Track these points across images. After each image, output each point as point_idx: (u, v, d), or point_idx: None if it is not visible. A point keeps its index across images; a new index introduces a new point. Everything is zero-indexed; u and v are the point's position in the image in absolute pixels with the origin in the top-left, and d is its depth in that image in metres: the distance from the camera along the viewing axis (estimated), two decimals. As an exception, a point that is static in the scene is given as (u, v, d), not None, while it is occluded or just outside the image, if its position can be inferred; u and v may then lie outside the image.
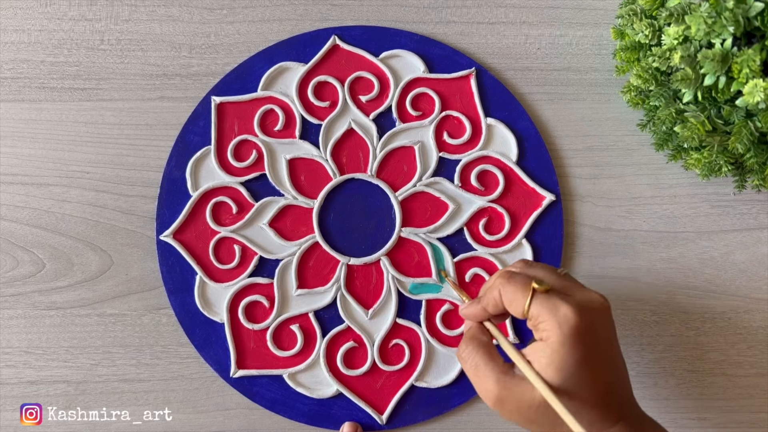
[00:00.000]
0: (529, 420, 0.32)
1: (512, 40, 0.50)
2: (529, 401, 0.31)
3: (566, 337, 0.31)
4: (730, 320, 0.48)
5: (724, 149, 0.43)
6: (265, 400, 0.47)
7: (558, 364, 0.31)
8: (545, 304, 0.32)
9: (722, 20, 0.37)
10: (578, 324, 0.31)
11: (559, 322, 0.31)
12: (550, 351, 0.31)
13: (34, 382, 0.47)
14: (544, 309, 0.32)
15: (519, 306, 0.33)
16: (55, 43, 0.49)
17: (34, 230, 0.48)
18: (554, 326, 0.31)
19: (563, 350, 0.31)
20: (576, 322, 0.31)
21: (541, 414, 0.31)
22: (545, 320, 0.32)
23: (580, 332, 0.31)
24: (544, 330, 0.32)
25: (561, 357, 0.31)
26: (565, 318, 0.31)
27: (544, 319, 0.32)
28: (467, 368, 0.34)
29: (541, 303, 0.32)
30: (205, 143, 0.48)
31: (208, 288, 0.47)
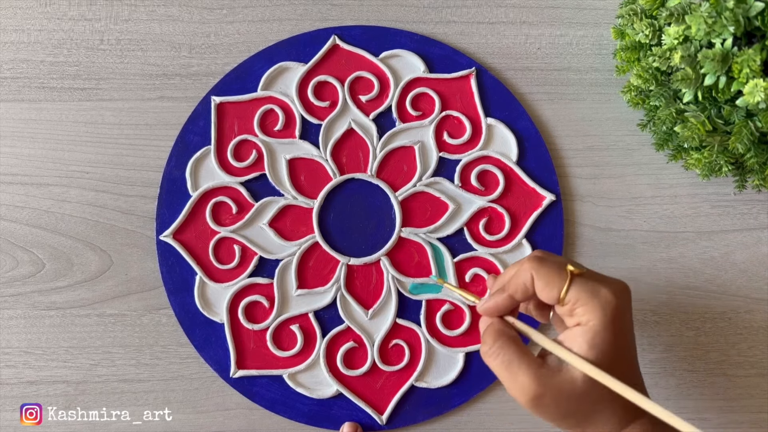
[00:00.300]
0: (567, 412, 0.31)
1: (512, 40, 0.51)
2: (569, 392, 0.30)
3: (609, 319, 0.30)
4: (731, 320, 0.49)
5: (724, 149, 0.43)
6: (265, 401, 0.47)
7: (601, 347, 0.30)
8: (585, 287, 0.31)
9: (722, 20, 0.37)
10: (618, 307, 0.31)
11: (602, 304, 0.30)
12: (592, 335, 0.30)
13: (34, 382, 0.47)
14: (584, 292, 0.31)
15: (555, 289, 0.31)
16: (55, 43, 0.49)
17: (33, 230, 0.48)
18: (597, 309, 0.30)
19: (606, 333, 0.30)
20: (617, 304, 0.31)
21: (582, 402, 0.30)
22: (586, 304, 0.31)
23: (619, 316, 0.31)
24: (583, 314, 0.31)
25: (603, 340, 0.30)
26: (606, 300, 0.31)
27: (585, 302, 0.31)
28: (497, 365, 0.32)
29: (581, 286, 0.31)
30: (204, 143, 0.48)
31: (207, 288, 0.47)
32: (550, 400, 0.30)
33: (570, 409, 0.31)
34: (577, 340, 0.31)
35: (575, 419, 0.31)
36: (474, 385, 0.47)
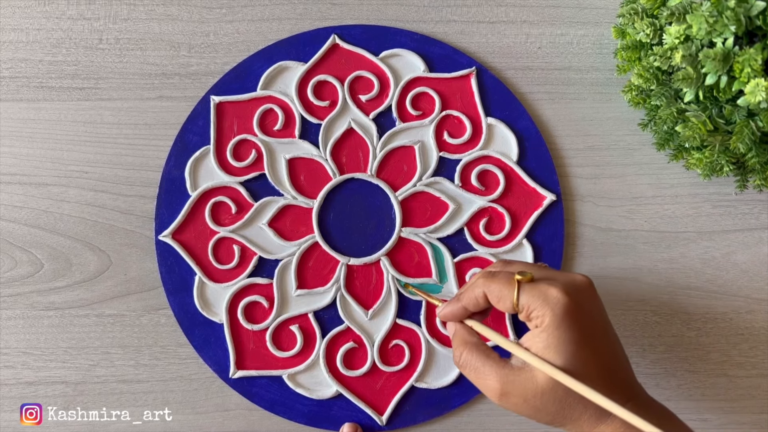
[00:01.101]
0: (536, 408, 0.32)
1: (513, 39, 0.51)
2: (533, 389, 0.32)
3: (560, 318, 0.32)
4: (732, 321, 0.49)
5: (725, 149, 0.43)
6: (265, 401, 0.47)
7: (556, 346, 0.31)
8: (533, 291, 0.33)
9: (724, 19, 0.37)
10: (568, 303, 0.32)
11: (550, 305, 0.32)
12: (546, 335, 0.32)
13: (33, 383, 0.47)
14: (533, 296, 0.33)
15: (508, 300, 0.33)
16: (54, 42, 0.49)
17: (32, 230, 0.48)
18: (546, 310, 0.32)
19: (559, 332, 0.31)
20: (566, 301, 0.32)
21: (547, 400, 0.32)
22: (536, 306, 0.32)
23: (572, 312, 0.32)
24: (537, 317, 0.32)
25: (557, 338, 0.31)
26: (555, 300, 0.32)
27: (536, 305, 0.32)
28: (468, 373, 0.35)
29: (529, 291, 0.33)
30: (204, 143, 0.48)
31: (207, 288, 0.47)
32: (517, 398, 0.32)
33: (537, 405, 0.32)
34: (534, 340, 0.32)
35: (547, 414, 0.32)
36: (474, 386, 0.47)
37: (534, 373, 0.32)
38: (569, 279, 0.34)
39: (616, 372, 0.33)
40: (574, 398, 0.32)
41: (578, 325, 0.32)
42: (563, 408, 0.32)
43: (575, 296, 0.33)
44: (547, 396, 0.32)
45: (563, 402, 0.32)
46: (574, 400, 0.32)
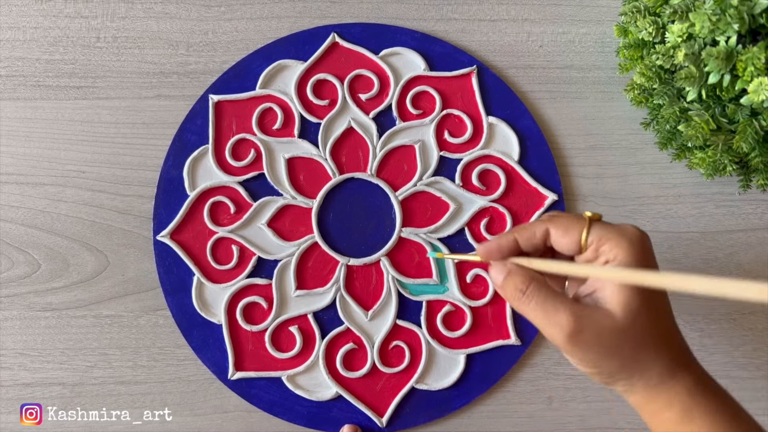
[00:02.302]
0: (610, 349, 0.30)
1: (514, 38, 0.51)
2: (611, 326, 0.29)
3: (638, 252, 0.30)
4: (735, 321, 0.49)
5: (728, 148, 0.43)
6: (264, 403, 0.47)
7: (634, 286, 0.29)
8: (607, 226, 0.30)
9: (727, 17, 0.37)
10: (645, 241, 0.30)
11: (629, 238, 0.30)
12: (624, 266, 0.30)
13: (30, 384, 0.47)
14: (607, 230, 0.30)
15: (575, 234, 0.31)
16: (51, 41, 0.49)
17: (29, 230, 0.48)
18: (624, 242, 0.30)
19: (639, 263, 0.29)
20: (644, 238, 0.30)
21: (624, 339, 0.29)
22: (611, 239, 0.30)
23: (647, 252, 0.30)
24: (610, 250, 0.30)
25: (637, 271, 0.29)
26: (633, 234, 0.30)
27: (611, 238, 0.30)
28: (532, 307, 0.31)
29: (601, 227, 0.30)
30: (202, 142, 0.48)
31: (205, 289, 0.47)
32: (590, 336, 0.29)
33: (612, 345, 0.29)
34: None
35: (619, 360, 0.30)
36: (475, 387, 0.47)
37: (611, 308, 0.29)
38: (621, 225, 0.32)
39: (677, 332, 0.32)
40: (651, 341, 0.30)
41: (652, 263, 0.30)
42: (637, 351, 0.30)
43: (648, 238, 0.31)
44: (623, 335, 0.29)
45: (639, 344, 0.30)
46: (650, 344, 0.30)
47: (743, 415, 0.33)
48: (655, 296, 0.30)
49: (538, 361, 0.48)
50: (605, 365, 0.30)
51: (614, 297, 0.29)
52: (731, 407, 0.32)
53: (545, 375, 0.48)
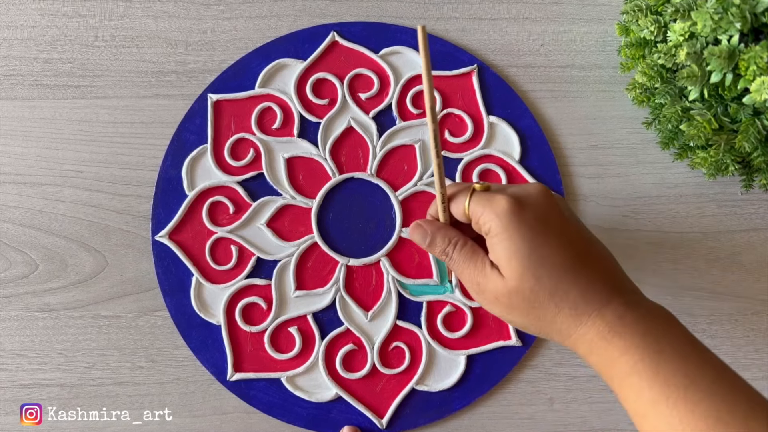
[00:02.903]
0: (508, 307, 0.33)
1: (515, 37, 0.51)
2: (501, 287, 0.33)
3: (505, 223, 0.32)
4: (737, 322, 0.49)
5: (730, 148, 0.43)
6: (263, 404, 0.47)
7: (509, 252, 0.32)
8: (481, 198, 0.34)
9: (729, 16, 0.37)
10: (514, 208, 0.32)
11: (496, 211, 0.33)
12: (496, 240, 0.33)
13: (27, 385, 0.47)
14: (480, 204, 0.34)
15: (460, 205, 0.35)
16: (49, 40, 0.49)
17: (26, 230, 0.48)
18: (492, 216, 0.33)
19: (506, 235, 0.32)
20: (511, 206, 0.32)
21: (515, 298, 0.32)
22: (483, 212, 0.33)
23: (520, 216, 0.32)
24: (484, 223, 0.33)
25: (507, 243, 0.32)
26: (500, 205, 0.33)
27: (482, 211, 0.33)
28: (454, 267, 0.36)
29: (477, 199, 0.34)
30: (201, 142, 0.48)
31: (204, 289, 0.47)
32: (489, 295, 0.34)
33: (507, 303, 0.33)
34: (493, 249, 0.33)
35: (522, 316, 0.33)
36: (476, 389, 0.47)
37: (501, 271, 0.33)
38: (520, 187, 0.35)
39: (589, 268, 0.32)
40: (542, 295, 0.32)
41: (529, 230, 0.32)
42: (534, 308, 0.32)
43: (523, 201, 0.33)
44: (514, 295, 0.32)
45: (531, 300, 0.32)
46: (543, 297, 0.32)
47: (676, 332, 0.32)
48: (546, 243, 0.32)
49: (539, 362, 0.48)
50: (516, 323, 0.34)
51: (500, 258, 0.33)
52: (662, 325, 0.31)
53: (546, 376, 0.48)
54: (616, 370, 0.30)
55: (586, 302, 0.32)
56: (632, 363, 0.30)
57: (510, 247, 0.32)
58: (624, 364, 0.30)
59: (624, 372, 0.30)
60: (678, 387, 0.29)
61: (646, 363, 0.29)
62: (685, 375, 0.29)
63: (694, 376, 0.29)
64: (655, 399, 0.29)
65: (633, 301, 0.32)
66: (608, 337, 0.31)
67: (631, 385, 0.30)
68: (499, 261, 0.33)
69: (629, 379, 0.30)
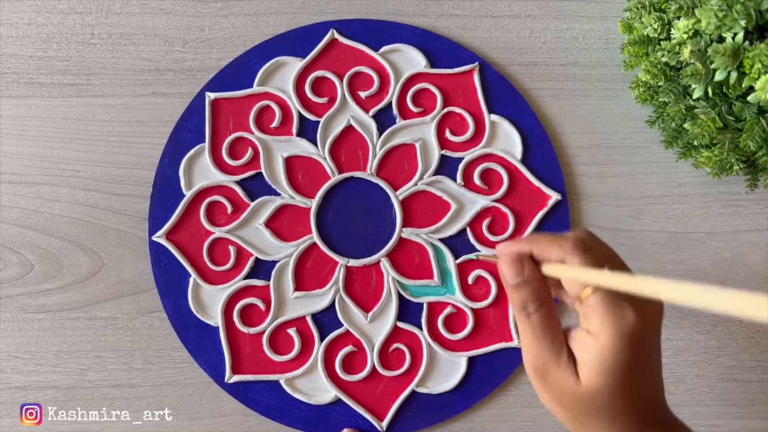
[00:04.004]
0: (564, 406, 0.31)
1: (517, 34, 0.51)
2: (570, 387, 0.30)
3: (623, 342, 0.29)
4: (742, 323, 0.49)
5: (735, 147, 0.43)
6: (261, 407, 0.47)
7: (605, 366, 0.30)
8: (609, 297, 0.30)
9: (733, 14, 0.37)
10: (637, 331, 0.30)
11: (620, 325, 0.29)
12: (599, 348, 0.30)
13: (23, 387, 0.47)
14: (605, 304, 0.30)
15: (579, 285, 0.31)
16: (44, 37, 0.50)
17: (22, 231, 0.48)
18: (613, 328, 0.29)
19: (616, 354, 0.29)
20: (636, 329, 0.30)
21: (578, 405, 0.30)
22: (603, 317, 0.30)
23: (636, 339, 0.30)
24: (596, 325, 0.30)
25: (611, 359, 0.30)
26: (627, 323, 0.29)
27: (603, 315, 0.30)
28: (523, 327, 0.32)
29: (605, 295, 0.30)
30: (199, 141, 0.49)
31: (202, 290, 0.48)
32: (552, 384, 0.31)
33: (567, 404, 0.31)
34: (584, 344, 0.31)
35: (572, 419, 0.31)
36: (477, 391, 0.47)
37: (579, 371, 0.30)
38: (647, 304, 0.31)
39: (652, 398, 0.32)
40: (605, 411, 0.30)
41: (634, 352, 0.30)
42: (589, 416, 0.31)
43: (645, 323, 0.30)
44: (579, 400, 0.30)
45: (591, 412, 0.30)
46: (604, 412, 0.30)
47: None
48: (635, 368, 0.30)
49: (541, 364, 0.48)
50: (560, 416, 0.32)
51: (586, 363, 0.30)
52: None
53: (548, 378, 0.48)
54: None
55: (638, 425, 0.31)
56: None
57: (608, 366, 0.29)
58: None
59: None
60: None
61: None
62: None
63: None
64: None
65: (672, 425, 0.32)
66: None
67: None
68: (583, 363, 0.30)
69: None
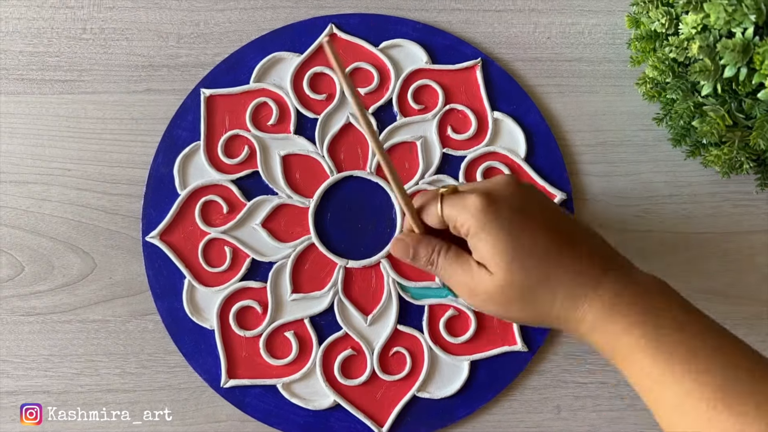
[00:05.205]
0: (504, 304, 0.34)
1: (520, 29, 0.51)
2: (492, 284, 0.34)
3: (482, 220, 0.33)
4: (754, 327, 0.49)
5: (745, 145, 0.43)
6: (258, 412, 0.47)
7: (491, 245, 0.33)
8: (454, 202, 0.35)
9: (743, 8, 0.37)
10: (487, 204, 0.33)
11: (470, 211, 0.33)
12: (477, 239, 0.34)
13: (13, 392, 0.47)
14: (453, 206, 0.34)
15: (433, 214, 0.36)
16: (35, 32, 0.50)
17: (12, 231, 0.48)
18: (467, 216, 0.34)
19: (485, 232, 0.33)
20: (484, 203, 0.33)
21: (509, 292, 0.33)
22: (458, 215, 0.34)
23: (495, 211, 0.33)
24: (461, 225, 0.34)
25: (489, 238, 0.33)
26: (473, 204, 0.33)
27: (457, 214, 0.34)
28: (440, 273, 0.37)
29: (450, 202, 0.35)
30: (194, 138, 0.49)
31: (197, 292, 0.48)
32: (483, 294, 0.35)
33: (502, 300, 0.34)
34: (475, 249, 0.35)
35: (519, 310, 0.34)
36: (480, 396, 0.47)
37: (489, 269, 0.34)
38: (487, 182, 0.36)
39: (576, 249, 0.34)
40: (534, 283, 0.33)
41: (505, 219, 0.33)
42: (528, 299, 0.33)
43: (494, 195, 0.34)
44: (507, 289, 0.33)
45: (524, 291, 0.33)
46: (535, 286, 0.33)
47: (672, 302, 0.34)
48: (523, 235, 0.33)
49: (545, 368, 0.48)
50: (513, 317, 0.36)
51: (484, 256, 0.34)
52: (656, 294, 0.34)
53: (553, 383, 0.48)
54: (619, 349, 0.32)
55: (579, 284, 0.33)
56: (634, 340, 0.32)
57: (491, 242, 0.33)
58: (626, 342, 0.32)
59: (627, 350, 0.32)
60: (681, 360, 0.30)
61: (649, 339, 0.31)
62: (686, 347, 0.31)
63: (695, 347, 0.31)
64: (659, 373, 0.31)
65: (627, 276, 0.34)
66: (608, 317, 0.32)
67: (634, 362, 0.32)
68: (484, 259, 0.34)
69: (632, 356, 0.32)
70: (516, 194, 0.35)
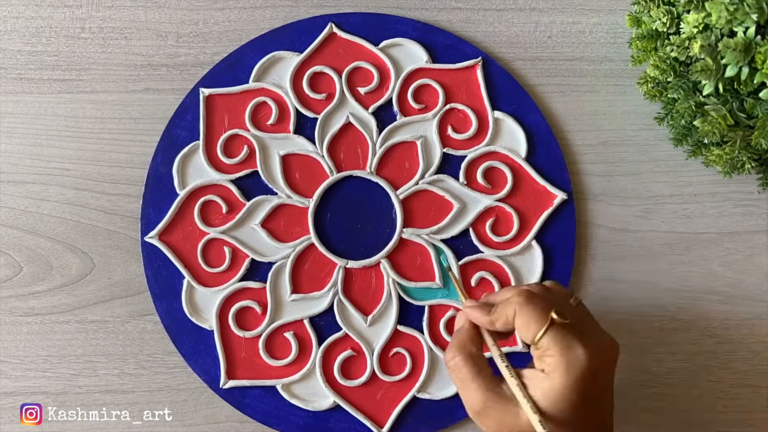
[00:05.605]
0: None
1: (521, 28, 0.51)
2: (511, 425, 0.33)
3: (573, 380, 0.32)
4: (755, 327, 0.49)
5: (747, 145, 0.43)
6: (258, 413, 0.47)
7: (555, 403, 0.32)
8: (559, 339, 0.33)
9: (745, 7, 0.37)
10: (587, 369, 0.32)
11: (570, 362, 0.32)
12: (549, 386, 0.32)
13: (11, 393, 0.47)
14: (557, 345, 0.33)
15: (531, 332, 0.34)
16: (33, 32, 0.50)
17: (10, 231, 0.48)
18: (562, 365, 0.32)
19: (566, 392, 0.32)
20: (586, 366, 0.32)
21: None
22: (554, 356, 0.33)
23: (587, 377, 0.32)
24: (549, 364, 0.33)
25: (561, 396, 0.32)
26: (576, 360, 0.32)
27: (554, 354, 0.33)
28: (453, 378, 0.36)
29: (555, 336, 0.33)
30: (193, 138, 0.49)
31: (196, 293, 0.48)
32: (493, 425, 0.34)
33: None
34: (537, 384, 0.33)
35: None
36: (480, 397, 0.47)
37: (517, 408, 0.33)
38: (599, 341, 0.35)
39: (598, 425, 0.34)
40: None
41: (584, 391, 0.32)
42: None
43: (596, 362, 0.33)
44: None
45: None
46: None
47: None
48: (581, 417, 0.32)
49: (546, 369, 0.48)
50: None
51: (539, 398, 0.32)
52: None
53: (554, 384, 0.48)
54: None
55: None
56: None
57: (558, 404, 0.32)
58: None
59: None
60: None
61: None
62: None
63: None
64: None
65: None
66: None
67: None
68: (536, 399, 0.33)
69: None
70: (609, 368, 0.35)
